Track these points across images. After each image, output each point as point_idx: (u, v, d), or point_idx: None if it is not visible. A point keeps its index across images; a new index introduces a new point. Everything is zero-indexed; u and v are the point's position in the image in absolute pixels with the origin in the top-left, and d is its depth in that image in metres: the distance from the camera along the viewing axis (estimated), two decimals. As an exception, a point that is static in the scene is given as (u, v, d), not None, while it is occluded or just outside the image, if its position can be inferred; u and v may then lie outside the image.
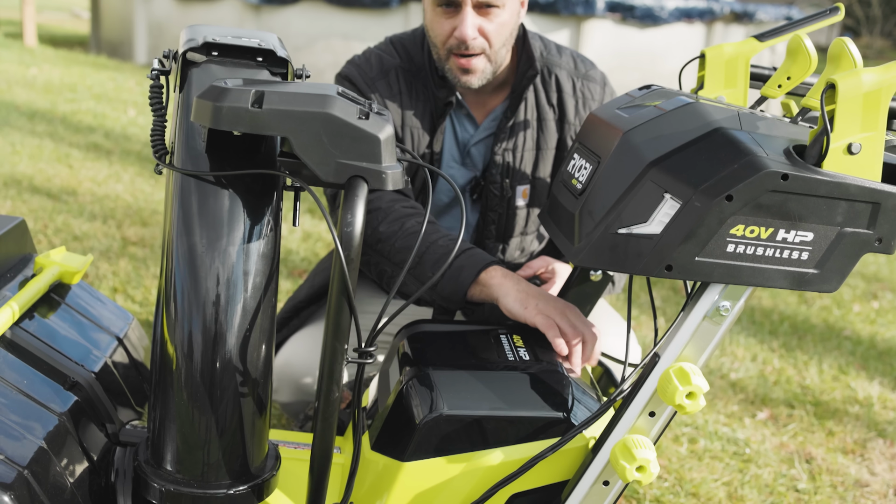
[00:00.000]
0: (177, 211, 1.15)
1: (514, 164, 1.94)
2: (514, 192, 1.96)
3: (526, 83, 1.90)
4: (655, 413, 1.29)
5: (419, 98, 1.91)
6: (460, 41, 1.77)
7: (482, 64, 1.81)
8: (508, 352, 1.45)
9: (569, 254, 1.32)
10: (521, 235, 2.02)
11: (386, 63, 1.92)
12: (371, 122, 1.04)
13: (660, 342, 1.31)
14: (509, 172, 1.94)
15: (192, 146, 1.17)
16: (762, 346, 3.54)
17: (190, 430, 1.17)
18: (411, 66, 1.93)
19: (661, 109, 1.27)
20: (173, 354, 1.16)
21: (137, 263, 3.58)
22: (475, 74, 1.82)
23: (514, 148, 1.93)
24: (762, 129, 1.21)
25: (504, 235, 2.00)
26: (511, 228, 2.00)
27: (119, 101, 7.14)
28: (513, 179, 1.95)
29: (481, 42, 1.79)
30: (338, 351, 1.08)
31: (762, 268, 1.19)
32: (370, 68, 1.92)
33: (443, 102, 1.89)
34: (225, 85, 1.05)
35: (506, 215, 1.98)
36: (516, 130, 1.93)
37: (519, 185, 1.96)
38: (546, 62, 1.95)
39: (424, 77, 1.92)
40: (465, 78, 1.83)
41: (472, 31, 1.77)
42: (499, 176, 1.94)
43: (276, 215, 1.21)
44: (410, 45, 1.96)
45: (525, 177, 1.96)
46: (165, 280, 1.17)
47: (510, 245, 2.02)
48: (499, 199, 1.96)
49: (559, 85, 1.94)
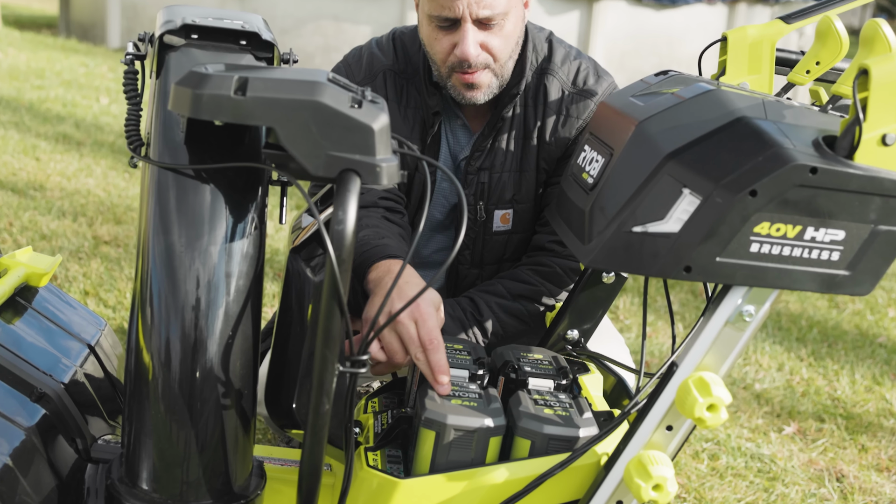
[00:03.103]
0: (153, 207, 1.15)
1: (491, 186, 1.91)
2: (490, 216, 1.93)
3: (508, 101, 1.86)
4: (673, 427, 1.29)
5: (409, 105, 1.89)
6: (462, 60, 1.74)
7: (487, 78, 1.78)
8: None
9: (579, 254, 1.32)
10: (500, 262, 2.00)
11: (376, 64, 1.91)
12: (364, 111, 1.04)
13: (678, 350, 1.31)
14: (485, 195, 1.91)
15: (170, 137, 1.17)
16: (789, 355, 3.54)
17: (167, 445, 1.17)
18: (406, 69, 1.90)
19: (680, 97, 1.27)
20: (149, 363, 1.16)
21: (110, 264, 3.58)
22: (480, 90, 1.79)
23: (492, 168, 1.90)
24: (789, 118, 1.21)
25: (480, 262, 1.99)
26: (488, 255, 1.98)
27: (91, 89, 7.14)
28: (488, 202, 1.92)
29: (485, 58, 1.75)
30: (328, 360, 1.08)
31: (789, 269, 1.19)
32: (359, 69, 1.91)
33: (432, 111, 1.87)
34: (205, 71, 1.05)
35: (480, 241, 1.96)
36: (495, 150, 1.89)
37: (497, 210, 1.93)
38: (541, 69, 1.90)
39: (418, 82, 1.89)
40: (469, 94, 1.79)
41: (475, 48, 1.73)
42: (472, 198, 1.91)
43: (261, 212, 1.21)
44: (410, 44, 1.93)
45: (505, 200, 1.93)
46: (141, 282, 1.17)
47: (486, 271, 2.00)
48: (472, 223, 1.94)
49: (546, 97, 1.89)
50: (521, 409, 1.39)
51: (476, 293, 1.90)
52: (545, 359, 1.58)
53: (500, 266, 2.00)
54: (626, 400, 1.69)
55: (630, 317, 3.76)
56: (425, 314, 1.43)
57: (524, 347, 1.62)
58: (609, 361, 1.66)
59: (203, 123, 1.14)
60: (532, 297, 1.90)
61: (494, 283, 1.91)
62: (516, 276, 1.92)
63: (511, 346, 1.63)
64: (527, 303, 1.89)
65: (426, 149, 1.90)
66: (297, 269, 1.26)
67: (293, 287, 1.28)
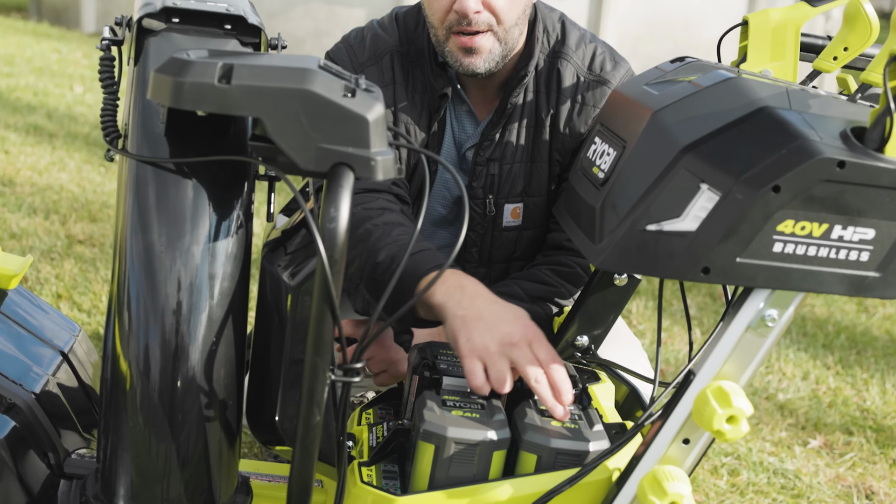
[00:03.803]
0: (131, 204, 1.15)
1: (501, 178, 1.90)
2: (500, 210, 1.92)
3: (516, 84, 1.84)
4: (690, 440, 1.29)
5: (416, 89, 1.87)
6: (461, 16, 1.70)
7: (489, 42, 1.74)
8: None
9: (589, 254, 1.32)
10: (510, 261, 1.99)
11: (381, 45, 1.88)
12: (358, 101, 1.04)
13: (695, 357, 1.31)
14: (494, 188, 1.90)
15: (149, 129, 1.17)
16: (815, 363, 3.54)
17: (146, 460, 1.17)
18: (410, 49, 1.88)
19: (697, 85, 1.27)
20: (127, 372, 1.16)
21: (85, 265, 3.58)
22: (480, 56, 1.75)
23: (502, 159, 1.89)
24: (815, 108, 1.21)
25: (488, 260, 1.97)
26: (497, 252, 1.96)
27: (64, 76, 7.14)
28: (498, 196, 1.91)
29: (487, 17, 1.72)
30: (319, 368, 1.08)
31: (815, 270, 1.19)
32: (362, 51, 1.87)
33: (438, 94, 1.85)
34: (187, 57, 1.05)
35: (489, 237, 1.95)
36: (506, 138, 1.88)
37: (508, 203, 1.92)
38: (554, 53, 1.88)
39: (423, 63, 1.87)
40: (468, 60, 1.76)
41: (476, 2, 1.69)
42: (481, 191, 1.90)
43: (247, 209, 1.21)
44: (413, 24, 1.91)
45: (516, 193, 1.92)
46: (118, 285, 1.17)
47: (495, 271, 1.99)
48: (480, 218, 1.93)
49: (559, 83, 1.88)
50: (526, 421, 1.39)
51: None
52: None
53: (509, 265, 1.99)
54: (639, 411, 1.69)
55: (644, 322, 3.76)
56: (539, 333, 1.42)
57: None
58: (621, 369, 1.66)
59: (185, 114, 1.14)
60: (551, 299, 1.88)
61: (510, 285, 1.90)
62: (534, 276, 1.90)
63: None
64: (545, 305, 1.88)
65: (431, 136, 1.89)
66: (273, 271, 1.26)
67: (270, 290, 1.28)
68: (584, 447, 1.36)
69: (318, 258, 1.04)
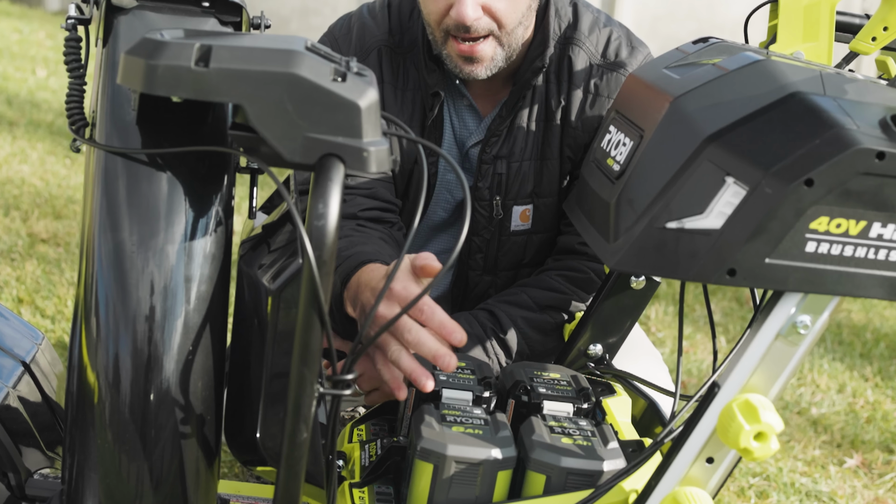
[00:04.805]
0: (100, 199, 1.15)
1: (510, 177, 1.90)
2: (508, 213, 1.93)
3: (531, 76, 1.84)
4: (714, 459, 1.29)
5: (408, 86, 1.88)
6: (458, 23, 1.70)
7: (490, 49, 1.75)
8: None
9: (603, 255, 1.32)
10: (518, 268, 1.99)
11: (369, 38, 1.89)
12: (349, 86, 1.04)
13: (720, 368, 1.31)
14: (502, 188, 1.90)
15: (120, 116, 1.17)
16: (851, 374, 3.54)
17: (116, 481, 1.17)
18: (402, 41, 1.89)
19: (722, 69, 1.28)
20: (95, 384, 1.16)
21: (49, 267, 3.58)
22: (482, 64, 1.76)
23: (510, 157, 1.89)
24: (851, 93, 1.21)
25: (493, 267, 1.98)
26: (503, 259, 1.97)
27: (25, 59, 7.14)
28: (506, 197, 1.91)
29: (487, 22, 1.72)
30: (306, 380, 1.08)
31: (851, 272, 1.20)
32: (348, 44, 1.89)
33: (431, 91, 1.85)
34: (161, 37, 1.05)
35: (496, 242, 1.95)
36: (514, 134, 1.88)
37: (516, 206, 1.92)
38: (565, 38, 1.88)
39: (416, 56, 1.88)
40: (468, 68, 1.77)
41: (474, 9, 1.68)
42: (487, 192, 1.90)
43: (228, 205, 1.21)
44: (407, 11, 1.92)
45: (525, 194, 1.92)
46: (85, 288, 1.17)
47: (501, 279, 1.99)
48: (486, 222, 1.93)
49: (571, 71, 1.88)
50: (534, 437, 1.39)
51: (496, 305, 1.88)
52: (563, 378, 1.58)
53: (517, 272, 1.98)
54: (658, 427, 1.69)
55: (663, 329, 3.76)
56: (407, 287, 1.39)
57: (538, 365, 1.63)
58: (639, 381, 1.66)
59: (158, 100, 1.14)
60: (562, 307, 1.88)
61: (517, 293, 1.90)
62: (543, 283, 1.90)
63: (523, 364, 1.63)
64: (556, 314, 1.88)
65: (426, 136, 1.88)
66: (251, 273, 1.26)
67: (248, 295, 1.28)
68: (597, 466, 1.36)
69: (305, 259, 1.04)
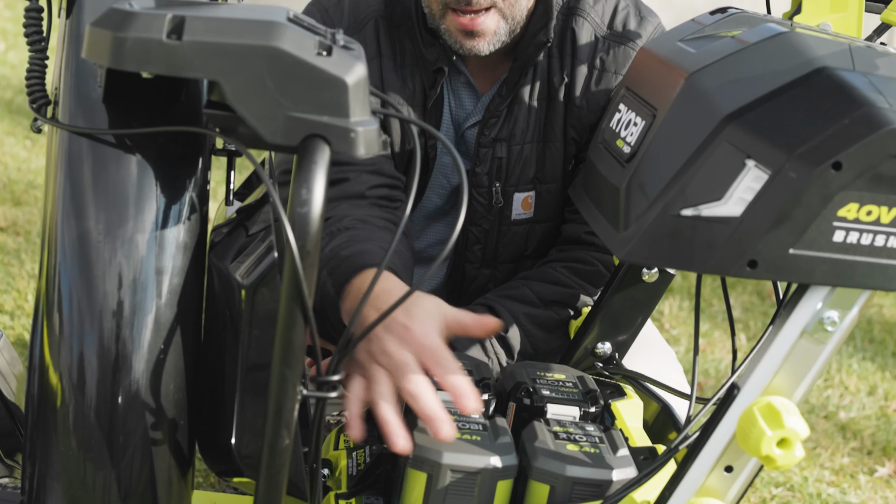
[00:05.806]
0: (63, 184, 1.15)
1: (510, 161, 1.90)
2: (509, 200, 1.93)
3: (533, 51, 1.84)
4: (734, 467, 1.29)
5: (406, 61, 1.88)
6: None
7: (493, 23, 1.75)
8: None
9: (612, 245, 1.33)
10: (519, 260, 1.99)
11: (364, 8, 1.88)
12: (335, 60, 1.04)
13: (740, 368, 1.31)
14: (502, 173, 1.91)
15: (85, 94, 1.16)
16: (883, 375, 3.54)
17: (80, 491, 1.17)
18: (395, 13, 1.88)
19: (742, 42, 1.28)
20: (58, 385, 1.16)
21: (7, 258, 3.58)
22: (483, 38, 1.77)
23: (510, 139, 1.89)
24: (883, 69, 1.21)
25: (493, 259, 1.98)
26: (504, 250, 1.97)
27: (-19, 31, 7.13)
28: (507, 183, 1.91)
29: None
30: (289, 381, 1.08)
31: (883, 264, 1.20)
32: (339, 15, 1.87)
33: (432, 68, 1.86)
34: (130, 7, 1.05)
35: (496, 232, 1.95)
36: (515, 115, 1.88)
37: (517, 192, 1.93)
38: (567, 9, 1.89)
39: (411, 27, 1.87)
40: (469, 44, 1.77)
41: None
42: (486, 178, 1.91)
43: (202, 190, 1.21)
44: None
45: (527, 180, 1.92)
46: (47, 281, 1.17)
47: (500, 272, 1.99)
48: (485, 210, 1.93)
49: (574, 44, 1.88)
50: (537, 444, 1.40)
51: (496, 299, 1.88)
52: (568, 379, 1.59)
53: (518, 265, 1.99)
54: (673, 433, 1.69)
55: (678, 325, 3.77)
56: (420, 321, 1.36)
57: (541, 365, 1.63)
58: (651, 383, 1.66)
59: (127, 76, 1.14)
60: (568, 302, 1.88)
61: (519, 287, 1.90)
62: (547, 276, 1.91)
63: (525, 364, 1.63)
64: (561, 310, 1.88)
65: (427, 116, 1.88)
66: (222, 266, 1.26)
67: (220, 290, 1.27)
68: (606, 476, 1.37)
69: (287, 250, 1.04)
